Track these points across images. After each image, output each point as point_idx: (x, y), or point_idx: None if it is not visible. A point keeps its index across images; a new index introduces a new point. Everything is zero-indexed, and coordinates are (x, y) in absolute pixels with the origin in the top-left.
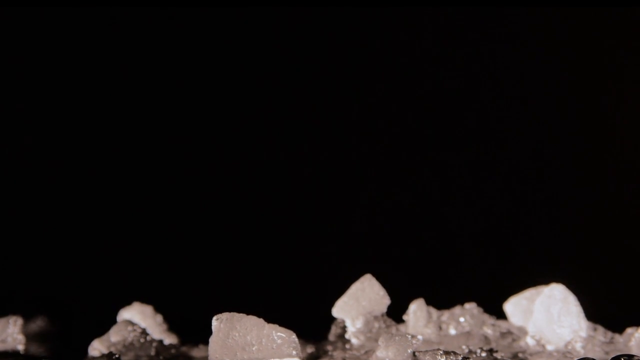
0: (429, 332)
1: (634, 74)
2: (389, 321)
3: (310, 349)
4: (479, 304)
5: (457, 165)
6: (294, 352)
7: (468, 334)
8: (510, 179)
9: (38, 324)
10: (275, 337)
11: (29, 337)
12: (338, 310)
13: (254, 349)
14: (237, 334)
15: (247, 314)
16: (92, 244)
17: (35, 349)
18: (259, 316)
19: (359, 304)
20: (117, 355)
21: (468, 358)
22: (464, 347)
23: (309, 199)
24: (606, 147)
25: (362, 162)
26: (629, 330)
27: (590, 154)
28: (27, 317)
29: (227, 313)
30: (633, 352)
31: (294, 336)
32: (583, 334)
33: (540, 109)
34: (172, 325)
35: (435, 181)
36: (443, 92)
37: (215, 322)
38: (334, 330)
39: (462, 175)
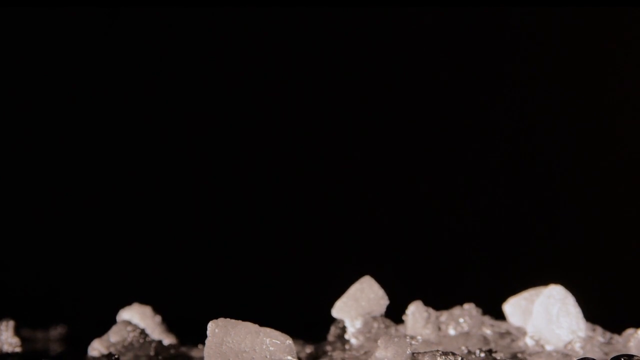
0: (428, 332)
1: (634, 74)
2: (388, 322)
3: (309, 349)
4: (478, 305)
5: (456, 166)
6: (289, 358)
7: (467, 335)
8: (510, 179)
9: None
10: (269, 344)
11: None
12: (337, 310)
13: (248, 356)
14: (231, 341)
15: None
16: (92, 244)
17: (38, 350)
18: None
19: (358, 304)
20: (116, 356)
21: (467, 359)
22: (463, 347)
23: (309, 199)
24: (606, 147)
25: (362, 163)
26: (628, 330)
27: (590, 154)
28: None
29: (222, 319)
30: (632, 353)
31: (289, 341)
32: (582, 334)
33: (540, 110)
34: (171, 325)
35: (435, 182)
36: (442, 93)
37: (210, 327)
38: (333, 331)
39: (462, 176)
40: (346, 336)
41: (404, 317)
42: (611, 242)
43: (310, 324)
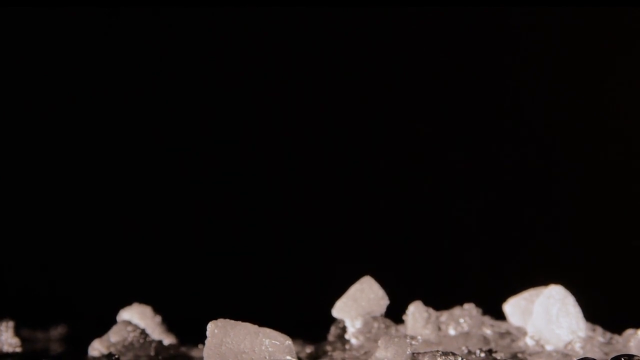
0: (428, 332)
1: (634, 74)
2: (388, 322)
3: (309, 349)
4: (478, 305)
5: (456, 166)
6: (288, 358)
7: (467, 335)
8: (510, 179)
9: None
10: (269, 345)
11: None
12: (337, 310)
13: (247, 357)
14: (230, 341)
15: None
16: (92, 244)
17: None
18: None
19: (358, 304)
20: (116, 356)
21: (467, 359)
22: (463, 347)
23: (309, 199)
24: (606, 147)
25: (362, 163)
26: (628, 331)
27: (590, 154)
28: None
29: (221, 319)
30: (632, 353)
31: (288, 341)
32: (582, 334)
33: (540, 109)
34: (171, 325)
35: (435, 182)
36: (442, 92)
37: (209, 327)
38: (333, 331)
39: (462, 175)
40: (346, 336)
41: (404, 317)
42: (611, 241)
43: (310, 324)
